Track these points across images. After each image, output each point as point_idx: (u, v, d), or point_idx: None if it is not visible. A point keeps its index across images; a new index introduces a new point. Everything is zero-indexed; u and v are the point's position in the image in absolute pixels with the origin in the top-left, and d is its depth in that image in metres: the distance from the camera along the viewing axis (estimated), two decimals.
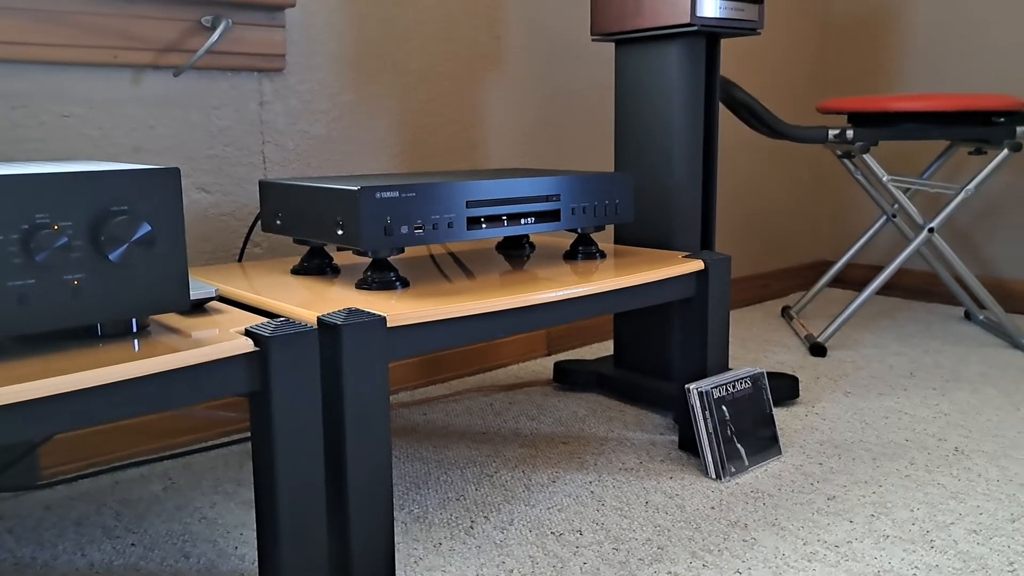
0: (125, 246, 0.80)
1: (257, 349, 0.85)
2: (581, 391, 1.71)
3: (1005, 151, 1.93)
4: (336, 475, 0.93)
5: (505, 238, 1.50)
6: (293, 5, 1.41)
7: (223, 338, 0.84)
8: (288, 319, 0.90)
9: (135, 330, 0.87)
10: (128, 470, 1.32)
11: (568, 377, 1.74)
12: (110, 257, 0.79)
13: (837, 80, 2.69)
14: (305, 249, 1.52)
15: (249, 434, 1.47)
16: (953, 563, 1.03)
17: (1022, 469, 1.30)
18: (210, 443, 1.43)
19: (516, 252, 1.44)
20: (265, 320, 0.91)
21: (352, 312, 0.92)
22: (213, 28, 1.35)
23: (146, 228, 0.81)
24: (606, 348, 2.03)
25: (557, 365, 1.75)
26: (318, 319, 0.92)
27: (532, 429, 1.50)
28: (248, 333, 0.86)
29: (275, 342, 0.84)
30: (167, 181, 0.83)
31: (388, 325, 0.94)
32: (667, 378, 1.61)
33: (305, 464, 0.89)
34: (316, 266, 1.21)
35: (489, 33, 1.77)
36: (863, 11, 2.60)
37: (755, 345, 2.05)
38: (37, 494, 1.24)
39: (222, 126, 1.41)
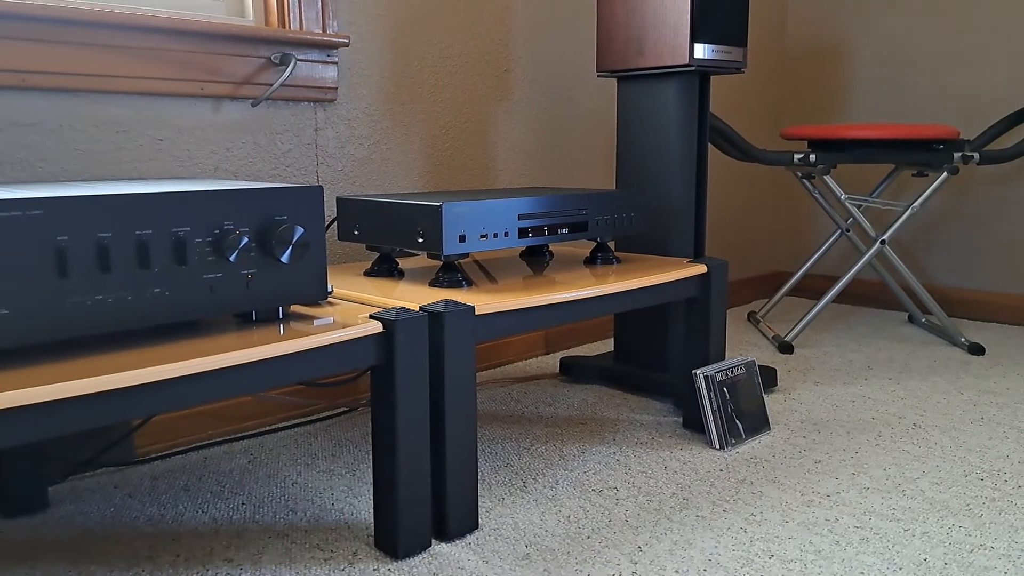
0: (290, 247, 1.00)
1: (384, 331, 1.06)
2: (586, 383, 1.94)
3: (945, 174, 2.23)
4: (437, 433, 1.14)
5: (528, 247, 1.72)
6: (347, 45, 1.62)
7: (356, 322, 1.05)
8: (402, 308, 1.11)
9: (281, 316, 1.07)
10: (211, 448, 1.50)
11: (573, 371, 1.96)
12: (280, 257, 0.99)
13: (792, 110, 2.99)
14: (356, 252, 1.73)
15: (310, 417, 1.67)
16: (922, 506, 1.28)
17: (968, 439, 1.56)
18: (275, 426, 1.62)
19: (538, 259, 1.66)
20: (381, 308, 1.11)
21: (449, 303, 1.14)
22: (282, 64, 1.55)
23: (301, 232, 1.01)
24: (598, 347, 2.26)
25: (563, 360, 1.97)
26: (420, 308, 1.13)
27: (551, 413, 1.72)
28: (375, 318, 1.07)
29: (399, 325, 1.06)
30: (314, 196, 1.04)
31: (476, 313, 1.15)
32: (664, 369, 1.84)
33: (416, 424, 1.10)
34: (386, 269, 1.42)
35: (499, 68, 2.00)
36: (814, 48, 2.90)
37: (731, 345, 2.30)
38: (139, 468, 1.41)
39: (284, 149, 1.61)
